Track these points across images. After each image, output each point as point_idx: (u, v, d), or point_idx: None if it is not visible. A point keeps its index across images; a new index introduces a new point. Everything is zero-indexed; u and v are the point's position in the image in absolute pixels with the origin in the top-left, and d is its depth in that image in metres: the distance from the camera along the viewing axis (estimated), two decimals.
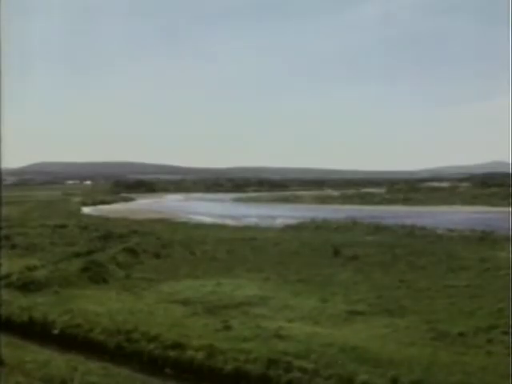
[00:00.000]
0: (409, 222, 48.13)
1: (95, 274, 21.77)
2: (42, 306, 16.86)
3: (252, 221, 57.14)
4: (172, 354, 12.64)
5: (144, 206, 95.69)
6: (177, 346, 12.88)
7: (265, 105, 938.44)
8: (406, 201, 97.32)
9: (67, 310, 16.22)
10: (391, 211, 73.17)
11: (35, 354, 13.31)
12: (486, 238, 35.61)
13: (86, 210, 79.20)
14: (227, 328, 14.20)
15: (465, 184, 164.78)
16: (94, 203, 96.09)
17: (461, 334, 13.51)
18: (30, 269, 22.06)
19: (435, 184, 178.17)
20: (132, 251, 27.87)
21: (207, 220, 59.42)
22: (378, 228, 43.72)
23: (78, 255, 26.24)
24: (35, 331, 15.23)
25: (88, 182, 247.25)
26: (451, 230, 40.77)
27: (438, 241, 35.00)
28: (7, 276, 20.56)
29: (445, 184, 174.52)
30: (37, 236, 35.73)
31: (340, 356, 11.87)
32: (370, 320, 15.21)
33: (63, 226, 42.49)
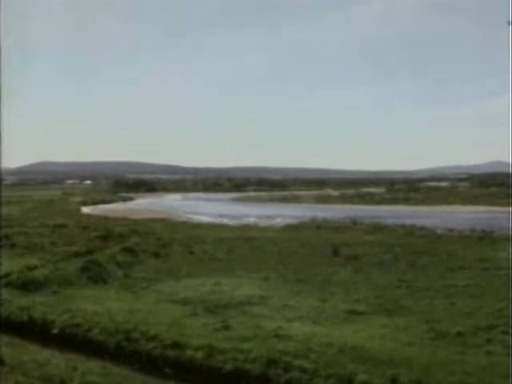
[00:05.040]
0: (408, 221, 48.17)
1: (95, 274, 21.76)
2: (41, 305, 16.84)
3: (252, 220, 57.15)
4: (171, 353, 12.63)
5: (144, 205, 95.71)
6: (176, 345, 12.86)
7: (265, 104, 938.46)
8: (406, 200, 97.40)
9: (67, 309, 16.20)
10: (391, 211, 73.21)
11: (35, 354, 13.30)
12: (485, 238, 35.59)
13: (85, 209, 79.23)
14: (226, 328, 14.19)
15: (464, 184, 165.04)
16: (94, 203, 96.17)
17: (460, 334, 13.50)
18: (30, 268, 22.02)
19: (435, 184, 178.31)
20: (131, 251, 27.84)
21: (207, 220, 59.42)
22: (377, 228, 43.72)
23: (77, 255, 26.19)
24: (35, 331, 15.21)
25: (88, 182, 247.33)
26: (451, 230, 40.77)
27: (437, 240, 34.98)
28: (7, 275, 20.51)
29: (444, 184, 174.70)
30: (36, 235, 35.68)
31: (339, 356, 11.87)
32: (369, 320, 15.20)
33: (63, 226, 42.44)
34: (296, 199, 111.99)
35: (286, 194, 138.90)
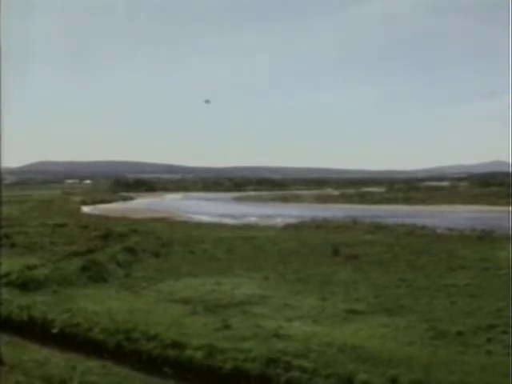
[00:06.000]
0: (409, 221, 48.11)
1: (95, 273, 21.74)
2: (41, 304, 16.84)
3: (252, 220, 57.12)
4: (171, 353, 12.63)
5: (144, 205, 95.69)
6: (176, 345, 12.86)
7: (265, 104, 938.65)
8: (406, 200, 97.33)
9: (67, 308, 16.20)
10: (391, 210, 73.15)
11: (35, 353, 13.31)
12: (485, 238, 35.56)
13: (85, 209, 79.24)
14: (226, 327, 14.19)
15: (464, 183, 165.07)
16: (94, 202, 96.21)
17: (460, 333, 13.49)
18: (30, 268, 22.02)
19: (435, 183, 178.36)
20: (131, 250, 27.82)
21: (207, 219, 59.39)
22: (377, 227, 43.65)
23: (77, 254, 26.21)
24: (35, 330, 15.21)
25: (88, 182, 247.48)
26: (451, 229, 40.73)
27: (437, 240, 34.95)
28: (7, 275, 20.52)
29: (445, 183, 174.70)
30: (37, 235, 35.69)
31: (339, 355, 11.86)
32: (369, 319, 15.19)
33: (63, 225, 42.44)
34: (296, 199, 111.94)
35: (286, 193, 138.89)
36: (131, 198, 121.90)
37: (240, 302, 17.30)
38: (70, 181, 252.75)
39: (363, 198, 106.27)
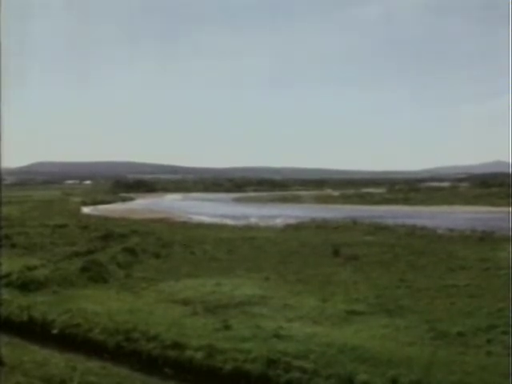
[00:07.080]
0: (409, 221, 48.12)
1: (95, 274, 21.75)
2: (41, 305, 16.85)
3: (252, 221, 57.08)
4: (171, 353, 12.63)
5: (144, 205, 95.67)
6: (176, 345, 12.86)
7: (265, 104, 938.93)
8: (407, 201, 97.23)
9: (67, 309, 16.21)
10: (391, 211, 73.09)
11: (35, 354, 13.31)
12: (486, 238, 35.53)
13: (85, 209, 79.18)
14: (227, 328, 14.18)
15: (465, 184, 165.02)
16: (94, 203, 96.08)
17: (460, 334, 13.49)
18: (30, 268, 22.04)
19: (435, 184, 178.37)
20: (132, 251, 27.82)
21: (207, 220, 59.36)
22: (377, 228, 43.64)
23: (77, 255, 26.21)
24: (35, 331, 15.22)
25: (88, 182, 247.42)
26: (451, 230, 40.69)
27: (438, 240, 34.94)
28: (7, 275, 20.53)
29: (445, 184, 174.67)
30: (37, 235, 35.69)
31: (339, 356, 11.85)
32: (369, 320, 15.19)
33: (63, 226, 42.44)
34: (296, 199, 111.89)
35: (286, 194, 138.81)
36: (131, 199, 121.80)
37: (240, 302, 17.29)
38: (70, 181, 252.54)
39: (363, 199, 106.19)
